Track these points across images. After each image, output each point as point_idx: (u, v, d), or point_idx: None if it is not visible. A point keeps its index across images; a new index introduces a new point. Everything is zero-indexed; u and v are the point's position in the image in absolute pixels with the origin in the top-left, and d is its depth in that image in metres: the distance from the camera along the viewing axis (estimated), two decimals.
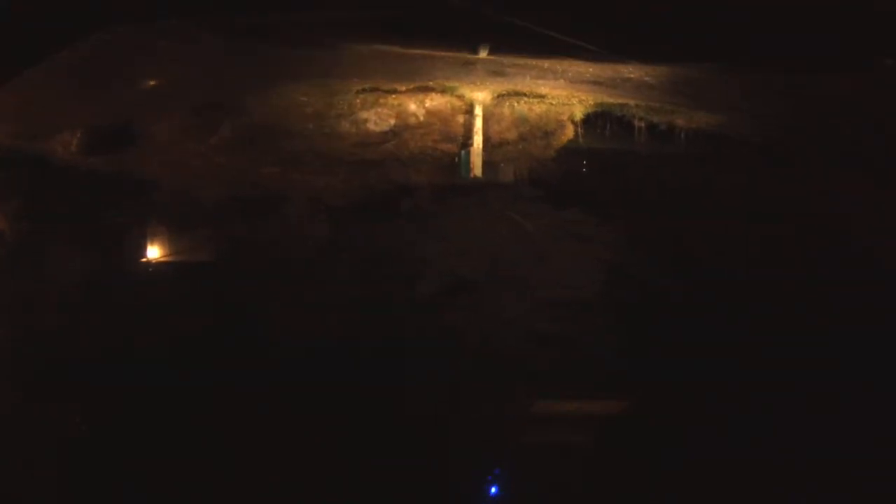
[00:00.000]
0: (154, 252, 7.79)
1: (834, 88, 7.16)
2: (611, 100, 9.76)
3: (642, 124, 10.83)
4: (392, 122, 10.51)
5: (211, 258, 7.96)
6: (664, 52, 6.49)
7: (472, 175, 10.69)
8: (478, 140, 10.86)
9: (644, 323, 6.96)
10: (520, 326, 6.97)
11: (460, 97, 10.28)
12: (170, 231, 8.12)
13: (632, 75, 8.09)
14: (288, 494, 4.68)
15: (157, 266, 7.71)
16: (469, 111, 10.77)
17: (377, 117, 10.42)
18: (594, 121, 10.90)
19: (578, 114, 10.88)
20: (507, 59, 8.40)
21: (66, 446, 4.97)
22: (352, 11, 6.88)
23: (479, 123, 10.81)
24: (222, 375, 5.90)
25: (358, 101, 10.01)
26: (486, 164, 10.77)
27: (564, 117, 10.88)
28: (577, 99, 10.19)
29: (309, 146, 9.81)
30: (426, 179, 10.01)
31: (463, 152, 10.83)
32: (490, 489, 4.82)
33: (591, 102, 10.22)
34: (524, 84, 9.53)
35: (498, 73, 8.78)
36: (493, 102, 10.58)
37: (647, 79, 8.11)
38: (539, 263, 8.34)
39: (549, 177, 10.75)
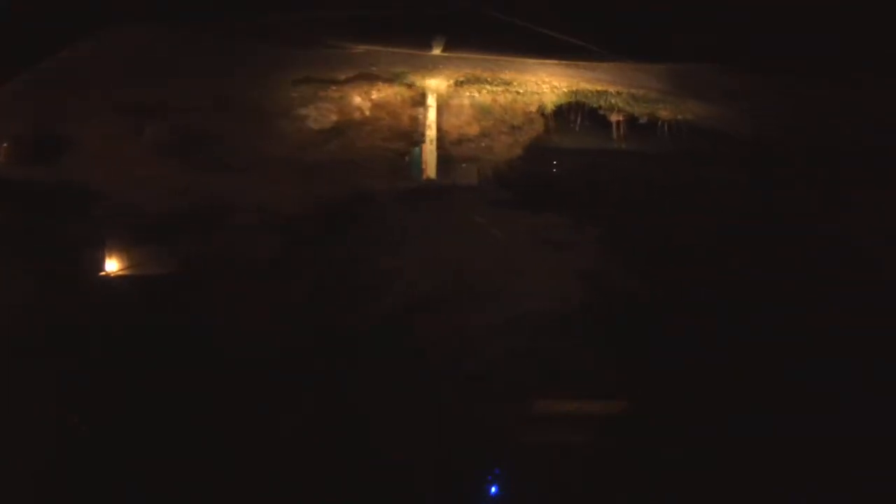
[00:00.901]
0: (97, 266, 7.56)
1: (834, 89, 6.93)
2: (587, 86, 9.05)
3: (621, 117, 9.84)
4: (334, 118, 9.34)
5: (157, 273, 7.62)
6: (663, 52, 6.43)
7: (424, 176, 9.65)
8: (430, 135, 9.67)
9: (627, 336, 6.76)
10: (491, 344, 6.63)
11: (410, 86, 9.32)
12: (112, 245, 7.73)
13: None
14: (288, 494, 4.64)
15: (100, 280, 7.50)
16: (422, 102, 9.60)
17: (317, 113, 9.24)
18: (567, 114, 9.90)
19: (550, 104, 9.75)
20: (466, 55, 8.07)
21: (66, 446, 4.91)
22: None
23: (431, 116, 9.61)
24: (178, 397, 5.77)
25: (295, 94, 9.00)
26: (445, 163, 9.78)
27: (533, 109, 9.78)
28: (548, 85, 9.27)
29: (249, 150, 8.90)
30: (379, 183, 9.17)
31: (414, 150, 9.75)
32: (490, 489, 4.80)
33: (565, 90, 9.30)
34: (485, 67, 8.68)
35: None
36: (449, 91, 9.50)
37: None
38: (510, 274, 7.82)
39: (518, 178, 9.92)
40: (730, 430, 5.47)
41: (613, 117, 9.82)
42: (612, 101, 9.36)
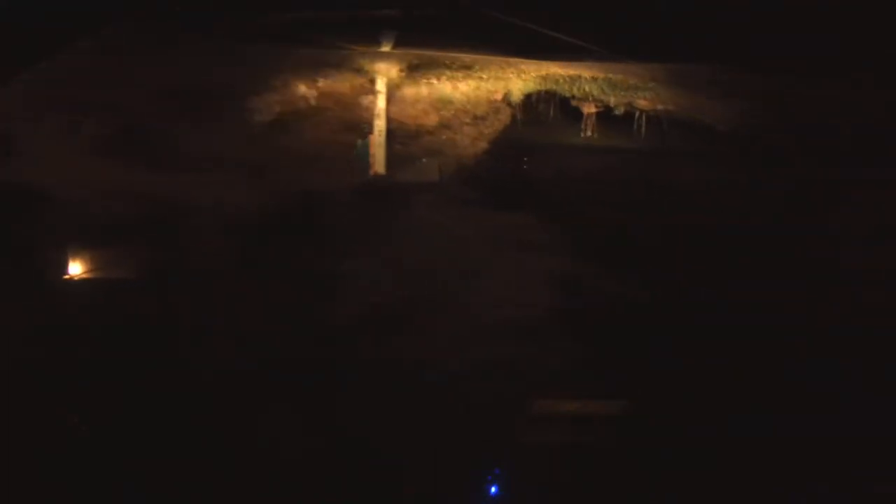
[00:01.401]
0: (53, 269, 7.29)
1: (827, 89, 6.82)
2: (559, 70, 8.38)
3: (596, 108, 9.10)
4: (277, 109, 8.69)
5: (111, 277, 7.30)
6: (663, 52, 6.42)
7: (371, 172, 8.86)
8: (380, 126, 8.79)
9: (604, 342, 6.56)
10: (459, 355, 6.27)
11: (359, 70, 8.68)
12: (66, 248, 7.42)
13: None
14: (288, 494, 4.64)
15: (55, 284, 7.21)
16: (371, 90, 8.79)
17: (260, 104, 8.60)
18: (537, 104, 9.22)
19: (517, 92, 8.93)
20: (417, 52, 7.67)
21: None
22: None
23: (381, 103, 8.73)
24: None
25: (239, 87, 8.44)
26: (402, 158, 9.01)
27: (499, 97, 9.02)
28: (514, 69, 8.49)
29: (192, 146, 8.30)
30: (332, 181, 8.58)
31: (359, 143, 8.90)
32: (490, 489, 4.80)
33: (533, 74, 8.56)
34: (444, 48, 8.01)
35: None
36: (402, 77, 8.71)
37: None
38: (476, 279, 7.42)
39: (485, 174, 9.20)
40: (730, 430, 5.48)
41: (587, 108, 9.13)
42: (587, 87, 8.56)
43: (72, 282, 7.33)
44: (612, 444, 5.59)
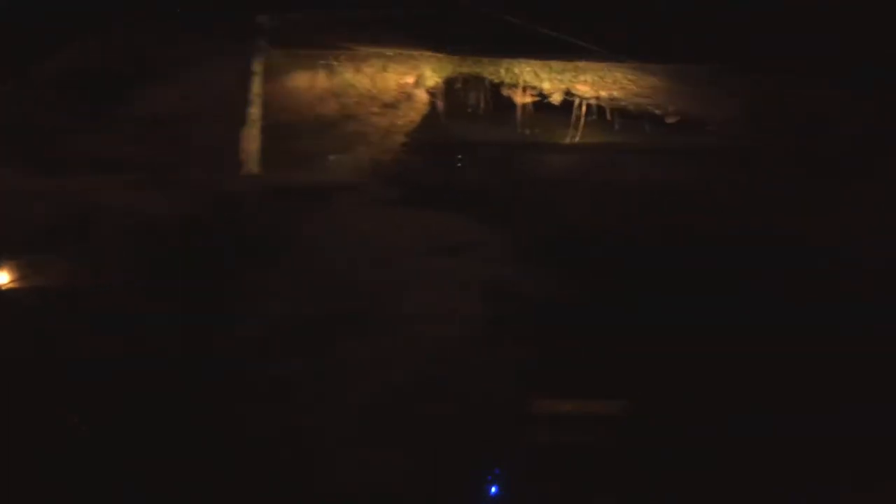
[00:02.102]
0: None
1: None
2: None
3: (531, 98, 7.92)
4: (163, 102, 7.45)
5: (15, 286, 6.78)
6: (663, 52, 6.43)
7: (244, 171, 7.53)
8: (254, 115, 7.45)
9: (545, 353, 6.01)
10: (380, 376, 5.60)
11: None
12: None
13: None
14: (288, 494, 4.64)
15: None
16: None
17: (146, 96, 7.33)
18: (464, 93, 8.05)
19: (431, 74, 7.65)
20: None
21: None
22: None
23: (255, 88, 7.35)
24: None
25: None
26: (299, 154, 7.74)
27: (410, 80, 7.79)
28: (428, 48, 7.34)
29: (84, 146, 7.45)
30: (225, 183, 7.49)
31: (244, 137, 7.55)
32: (490, 489, 4.80)
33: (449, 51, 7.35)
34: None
35: None
36: (288, 54, 7.42)
37: None
38: (402, 289, 6.54)
39: (406, 172, 8.13)
40: (730, 430, 5.47)
41: (520, 98, 7.92)
42: (516, 70, 7.44)
43: None
44: (612, 444, 5.54)
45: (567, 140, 8.24)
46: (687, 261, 7.25)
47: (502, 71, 7.53)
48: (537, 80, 7.56)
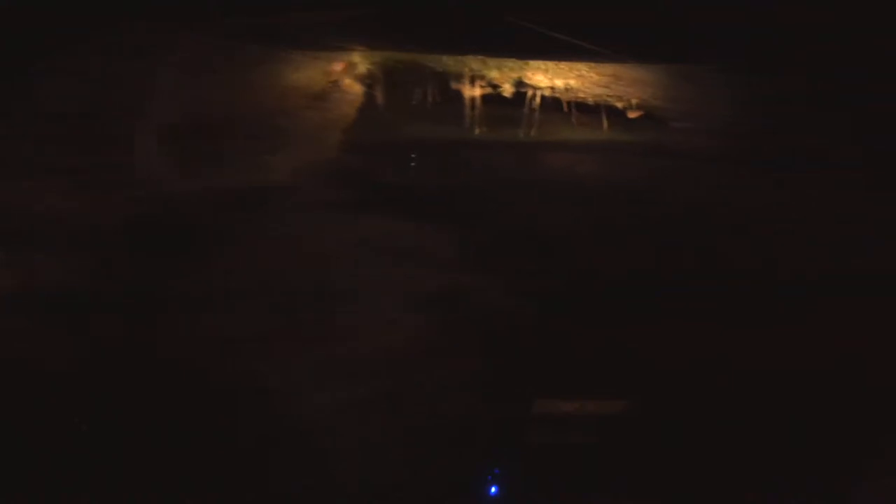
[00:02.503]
0: None
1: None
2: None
3: (482, 90, 7.25)
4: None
5: None
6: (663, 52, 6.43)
7: (146, 174, 6.70)
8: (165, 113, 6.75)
9: (505, 370, 5.71)
10: (312, 398, 5.22)
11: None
12: None
13: None
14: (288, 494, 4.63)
15: None
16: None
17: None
18: (409, 86, 7.41)
19: (361, 62, 6.94)
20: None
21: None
22: None
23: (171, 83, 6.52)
24: None
25: None
26: (219, 154, 6.97)
27: (338, 68, 7.13)
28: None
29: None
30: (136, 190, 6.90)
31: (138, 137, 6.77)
32: (490, 489, 4.80)
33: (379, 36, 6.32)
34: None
35: None
36: (194, 41, 6.65)
37: None
38: (350, 298, 6.13)
39: (344, 171, 7.65)
40: (729, 430, 5.47)
41: (469, 91, 7.28)
42: (462, 64, 6.56)
43: None
44: (611, 444, 5.54)
45: (521, 137, 7.82)
46: (648, 262, 7.02)
47: (446, 58, 6.74)
48: (485, 67, 6.90)
